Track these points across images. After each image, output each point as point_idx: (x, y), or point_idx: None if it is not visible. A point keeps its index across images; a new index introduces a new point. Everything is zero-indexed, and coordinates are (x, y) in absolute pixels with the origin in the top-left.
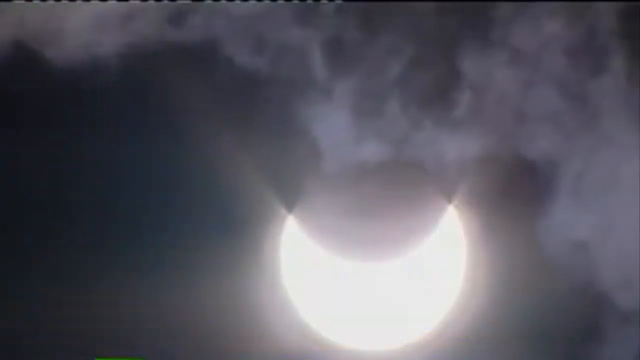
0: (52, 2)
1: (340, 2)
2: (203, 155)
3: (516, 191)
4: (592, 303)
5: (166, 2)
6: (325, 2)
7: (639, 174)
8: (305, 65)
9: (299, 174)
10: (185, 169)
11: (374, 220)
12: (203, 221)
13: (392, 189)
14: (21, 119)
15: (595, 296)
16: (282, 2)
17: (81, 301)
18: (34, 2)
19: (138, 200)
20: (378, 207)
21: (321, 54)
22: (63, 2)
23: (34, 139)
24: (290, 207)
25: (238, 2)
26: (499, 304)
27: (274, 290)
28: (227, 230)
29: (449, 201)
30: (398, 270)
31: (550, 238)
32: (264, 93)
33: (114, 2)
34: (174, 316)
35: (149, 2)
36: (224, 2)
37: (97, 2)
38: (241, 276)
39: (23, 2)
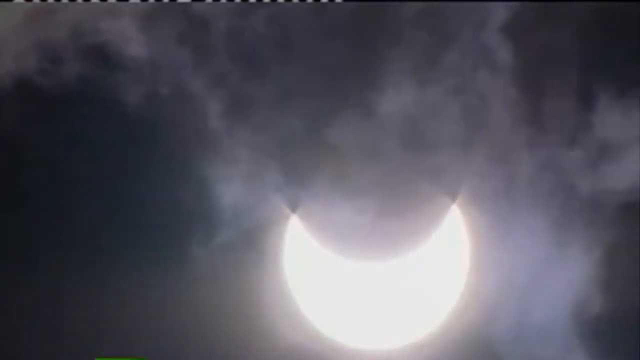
0: None
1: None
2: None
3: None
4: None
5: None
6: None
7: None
8: (201, 116)
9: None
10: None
11: (377, 220)
12: (206, 221)
13: None
14: None
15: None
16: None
17: (81, 301)
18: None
19: (140, 200)
20: (381, 206)
21: (219, 106)
22: None
23: None
24: (293, 207)
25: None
26: (501, 304)
27: (277, 289)
28: (230, 229)
29: (452, 200)
30: (400, 269)
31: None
32: (158, 141)
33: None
34: (175, 316)
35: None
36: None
37: None
38: (244, 275)
39: (23, 2)
